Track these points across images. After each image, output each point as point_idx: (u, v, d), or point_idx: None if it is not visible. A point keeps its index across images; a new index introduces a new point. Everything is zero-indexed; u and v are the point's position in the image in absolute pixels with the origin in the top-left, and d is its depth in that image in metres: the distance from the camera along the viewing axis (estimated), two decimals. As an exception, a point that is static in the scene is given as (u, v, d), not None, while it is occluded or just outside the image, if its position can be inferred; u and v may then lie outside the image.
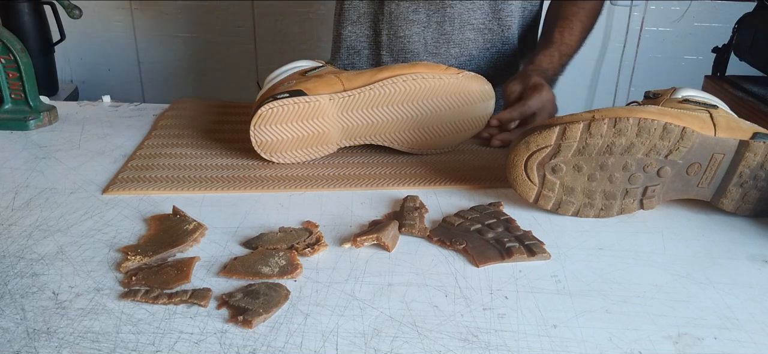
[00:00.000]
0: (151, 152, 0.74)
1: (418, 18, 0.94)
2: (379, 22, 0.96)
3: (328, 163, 0.73)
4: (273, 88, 0.72)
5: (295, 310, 0.46)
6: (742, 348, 0.44)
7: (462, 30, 0.94)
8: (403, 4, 0.94)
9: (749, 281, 0.52)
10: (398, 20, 0.94)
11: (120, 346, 0.42)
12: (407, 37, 0.95)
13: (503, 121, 0.77)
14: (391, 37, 0.96)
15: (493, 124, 0.77)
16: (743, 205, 0.61)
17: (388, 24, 0.95)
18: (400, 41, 0.96)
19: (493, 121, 0.76)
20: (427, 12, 0.94)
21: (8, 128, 0.81)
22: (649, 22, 1.82)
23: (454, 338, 0.44)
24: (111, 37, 1.90)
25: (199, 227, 0.56)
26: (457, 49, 0.96)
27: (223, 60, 1.92)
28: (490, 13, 0.95)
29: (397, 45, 0.96)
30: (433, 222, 0.60)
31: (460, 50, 0.96)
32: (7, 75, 0.81)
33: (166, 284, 0.48)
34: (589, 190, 0.60)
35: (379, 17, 0.96)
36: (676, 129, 0.56)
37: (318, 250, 0.54)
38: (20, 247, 0.53)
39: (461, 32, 0.94)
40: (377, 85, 0.70)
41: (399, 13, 0.94)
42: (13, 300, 0.46)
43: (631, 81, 1.91)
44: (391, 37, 0.96)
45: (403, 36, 0.95)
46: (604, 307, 0.48)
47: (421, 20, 0.94)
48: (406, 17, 0.94)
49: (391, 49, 0.97)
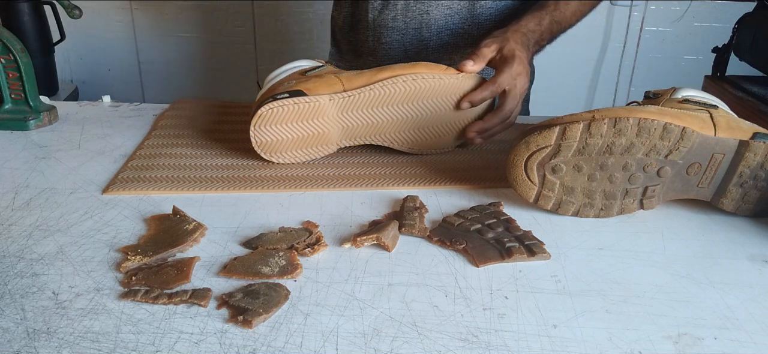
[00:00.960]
0: (151, 152, 0.74)
1: (397, 25, 0.93)
2: (366, 29, 0.96)
3: (328, 163, 0.73)
4: (273, 88, 0.72)
5: (295, 310, 0.46)
6: (742, 348, 0.44)
7: (440, 36, 0.94)
8: (384, 13, 0.94)
9: (749, 281, 0.52)
10: (380, 28, 0.94)
11: (120, 346, 0.42)
12: (388, 43, 0.95)
13: (475, 103, 0.73)
14: (376, 44, 0.96)
15: (464, 107, 0.72)
16: (743, 205, 0.61)
17: (372, 31, 0.95)
18: (383, 47, 0.96)
19: (465, 103, 0.72)
20: (405, 19, 0.93)
21: (8, 128, 0.81)
22: (649, 22, 1.82)
23: (454, 338, 0.44)
24: (111, 37, 1.90)
25: (199, 227, 0.56)
26: (436, 55, 0.94)
27: (223, 60, 1.92)
28: (468, 17, 0.93)
29: (380, 51, 0.96)
30: (433, 222, 0.60)
31: (439, 56, 0.94)
32: (7, 75, 0.81)
33: (166, 284, 0.48)
34: (589, 190, 0.60)
35: (364, 24, 0.96)
36: (676, 129, 0.56)
37: (318, 250, 0.54)
38: (20, 247, 0.53)
39: (439, 38, 0.94)
40: (377, 85, 0.70)
41: (380, 20, 0.94)
42: (13, 300, 0.46)
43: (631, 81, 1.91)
44: (376, 43, 0.96)
45: (385, 43, 0.95)
46: (604, 307, 0.48)
47: (399, 27, 0.94)
48: (386, 25, 0.94)
49: (375, 55, 0.97)
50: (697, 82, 1.24)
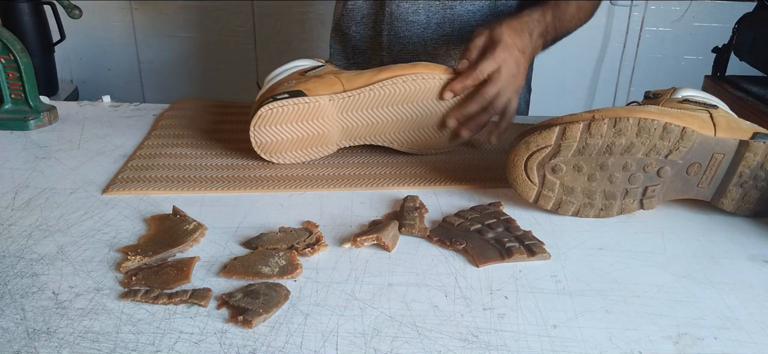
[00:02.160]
0: (151, 152, 0.74)
1: (418, 19, 0.93)
2: (381, 23, 0.96)
3: (328, 163, 0.73)
4: (273, 88, 0.72)
5: (295, 310, 0.46)
6: (742, 348, 0.44)
7: (462, 31, 0.94)
8: (404, 5, 0.93)
9: (749, 281, 0.52)
10: (398, 21, 0.94)
11: (120, 346, 0.42)
12: (407, 37, 0.94)
13: (456, 91, 0.71)
14: (392, 38, 0.95)
15: (447, 98, 0.71)
16: (743, 205, 0.61)
17: (388, 25, 0.95)
18: (400, 42, 0.95)
19: (447, 94, 0.70)
20: (427, 13, 0.93)
21: (8, 128, 0.81)
22: (649, 22, 1.82)
23: (454, 338, 0.44)
24: (111, 37, 1.90)
25: (199, 227, 0.56)
26: (457, 51, 0.95)
27: (223, 60, 1.92)
28: (490, 14, 0.93)
29: (396, 46, 0.96)
30: (433, 222, 0.60)
31: (460, 52, 0.95)
32: (7, 75, 0.81)
33: (166, 284, 0.48)
34: (589, 190, 0.60)
35: (380, 18, 0.96)
36: (676, 129, 0.56)
37: (318, 250, 0.54)
38: (20, 247, 0.53)
39: (461, 34, 0.94)
40: (377, 85, 0.70)
41: (399, 13, 0.93)
42: (13, 300, 0.46)
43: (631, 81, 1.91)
44: (392, 37, 0.95)
45: (403, 37, 0.94)
46: (604, 307, 0.48)
47: (420, 21, 0.93)
48: (405, 18, 0.93)
49: (391, 50, 0.96)
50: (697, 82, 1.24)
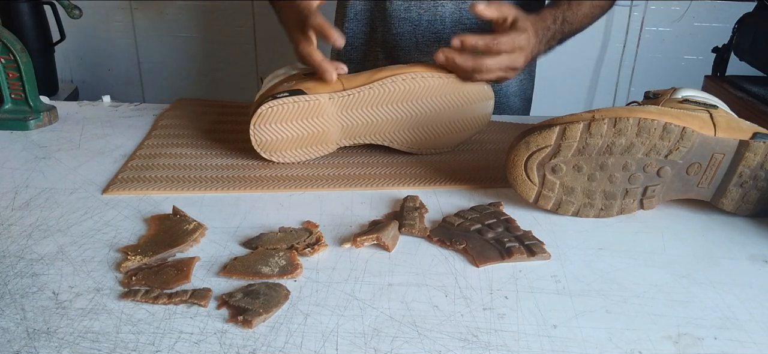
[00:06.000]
0: (151, 152, 0.74)
1: (410, 17, 0.94)
2: (376, 20, 0.96)
3: (328, 163, 0.73)
4: (273, 87, 0.72)
5: (295, 310, 0.46)
6: (742, 348, 0.44)
7: (454, 29, 0.94)
8: (397, 3, 0.94)
9: (749, 281, 0.52)
10: (392, 18, 0.95)
11: (120, 346, 0.42)
12: (400, 34, 0.95)
13: (467, 45, 0.70)
14: (386, 35, 0.96)
15: (455, 45, 0.69)
16: (743, 205, 0.61)
17: (383, 21, 0.96)
18: (393, 39, 0.96)
19: (456, 41, 0.69)
20: (419, 11, 0.94)
21: (8, 128, 0.81)
22: (649, 22, 1.82)
23: (454, 338, 0.44)
24: (111, 37, 1.90)
25: (199, 227, 0.56)
26: None
27: (223, 60, 1.92)
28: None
29: (390, 42, 0.96)
30: (433, 222, 0.60)
31: None
32: (7, 75, 0.81)
33: (166, 284, 0.48)
34: (589, 190, 0.60)
35: (376, 14, 0.97)
36: (676, 129, 0.56)
37: (318, 250, 0.54)
38: (20, 247, 0.53)
39: (453, 31, 0.94)
40: (376, 84, 0.70)
41: (392, 10, 0.94)
42: (13, 300, 0.46)
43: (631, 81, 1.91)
44: (386, 34, 0.96)
45: (396, 34, 0.95)
46: (604, 307, 0.48)
47: (412, 19, 0.94)
48: (399, 15, 0.94)
49: (385, 47, 0.97)
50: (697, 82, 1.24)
